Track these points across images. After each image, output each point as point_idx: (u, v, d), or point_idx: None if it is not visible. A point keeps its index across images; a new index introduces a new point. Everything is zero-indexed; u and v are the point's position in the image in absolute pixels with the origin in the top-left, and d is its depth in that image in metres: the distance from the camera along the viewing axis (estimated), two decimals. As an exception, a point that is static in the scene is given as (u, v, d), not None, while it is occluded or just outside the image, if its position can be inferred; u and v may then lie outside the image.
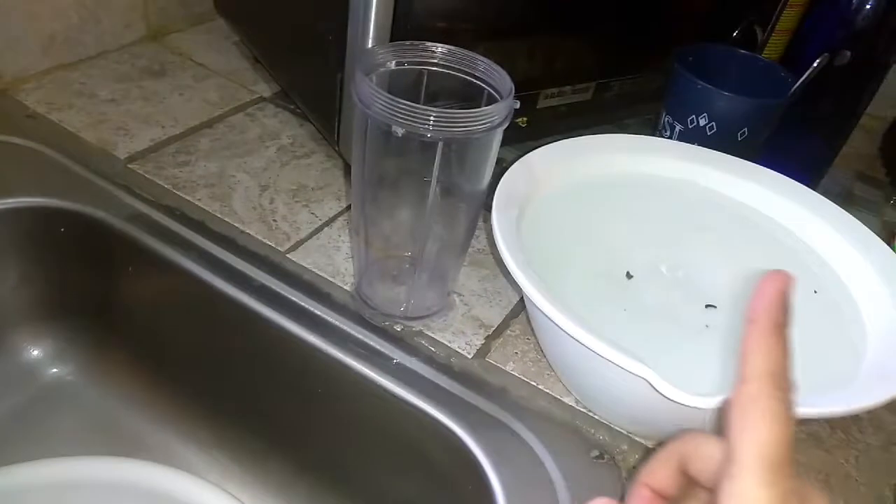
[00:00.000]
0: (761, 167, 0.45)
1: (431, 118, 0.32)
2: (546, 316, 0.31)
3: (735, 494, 0.18)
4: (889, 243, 0.43)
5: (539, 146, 0.43)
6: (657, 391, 0.28)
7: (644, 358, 0.29)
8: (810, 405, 0.30)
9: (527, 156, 0.41)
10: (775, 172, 0.45)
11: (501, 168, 0.41)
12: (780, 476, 0.18)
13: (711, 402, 0.28)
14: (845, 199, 0.64)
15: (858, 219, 0.42)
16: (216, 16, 0.65)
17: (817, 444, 0.40)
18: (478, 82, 0.37)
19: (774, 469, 0.18)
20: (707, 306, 0.44)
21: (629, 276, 0.45)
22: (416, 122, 0.32)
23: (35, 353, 0.50)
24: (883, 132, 0.71)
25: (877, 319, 0.36)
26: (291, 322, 0.41)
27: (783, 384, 0.19)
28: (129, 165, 0.49)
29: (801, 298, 0.42)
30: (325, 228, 0.47)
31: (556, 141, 0.44)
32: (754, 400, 0.19)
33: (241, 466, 0.48)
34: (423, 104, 0.38)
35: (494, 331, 0.43)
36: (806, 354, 0.39)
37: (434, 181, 0.36)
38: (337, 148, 0.51)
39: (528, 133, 0.54)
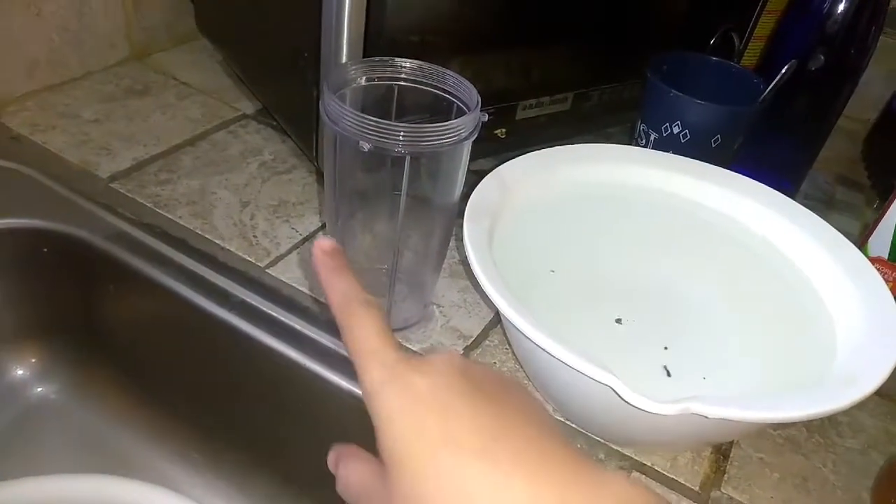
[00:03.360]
0: (734, 173, 0.45)
1: (399, 133, 0.33)
2: (512, 325, 0.31)
3: (364, 387, 0.22)
4: (861, 247, 0.43)
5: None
6: (622, 398, 0.29)
7: (610, 366, 0.30)
8: (778, 409, 0.30)
9: (499, 168, 0.42)
10: (748, 178, 0.45)
11: (477, 179, 0.41)
12: (383, 356, 0.22)
13: (674, 409, 0.28)
14: (826, 203, 0.64)
15: (839, 222, 0.42)
16: (199, 35, 0.66)
17: (795, 449, 0.40)
18: (447, 96, 0.38)
19: (376, 353, 0.22)
20: (683, 314, 0.44)
21: (603, 286, 0.45)
22: (382, 137, 0.33)
23: (20, 372, 0.50)
24: (864, 135, 0.72)
25: (847, 323, 0.36)
26: (271, 336, 0.42)
27: (353, 296, 0.24)
28: (111, 185, 0.50)
29: (773, 304, 0.42)
30: (306, 243, 0.48)
31: (535, 151, 0.44)
32: (342, 314, 0.24)
33: (226, 481, 0.49)
34: (396, 118, 0.39)
35: (473, 341, 0.43)
36: (777, 359, 0.40)
37: (404, 194, 0.36)
38: (316, 164, 0.51)
39: (507, 144, 0.54)
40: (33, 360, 0.51)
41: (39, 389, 0.51)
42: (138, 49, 0.64)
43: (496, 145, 0.54)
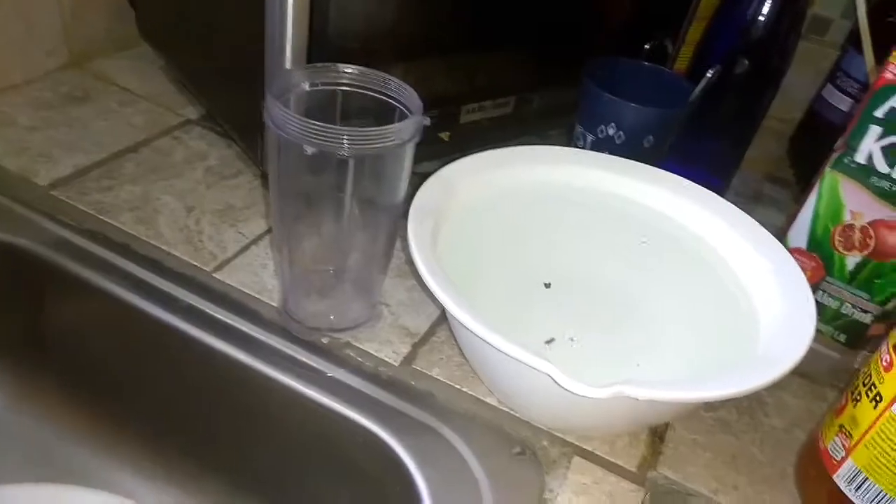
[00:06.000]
0: (666, 172, 0.48)
1: (342, 137, 0.34)
2: (455, 318, 0.33)
3: None
4: (782, 239, 0.46)
5: (463, 159, 0.45)
6: (558, 384, 0.30)
7: (547, 354, 0.31)
8: (701, 389, 0.32)
9: (441, 169, 0.43)
10: (678, 177, 0.47)
11: (423, 181, 0.42)
12: None
13: (606, 392, 0.30)
14: (755, 199, 0.68)
15: (766, 217, 0.45)
16: (141, 41, 0.65)
17: (725, 430, 0.43)
18: (390, 101, 0.39)
19: None
20: (620, 306, 0.47)
21: (547, 285, 0.47)
22: (326, 140, 0.34)
23: (-41, 386, 0.49)
24: (790, 135, 0.76)
25: (768, 310, 0.39)
26: (219, 340, 0.42)
27: None
28: (52, 192, 0.49)
29: (702, 294, 0.45)
30: (252, 247, 0.48)
31: (478, 153, 0.46)
32: None
33: (178, 487, 0.48)
34: (340, 123, 0.40)
35: (421, 338, 0.44)
36: (705, 345, 0.42)
37: (349, 196, 0.37)
38: (262, 168, 0.52)
39: (451, 147, 0.56)
40: (-27, 374, 0.50)
41: (-20, 403, 0.49)
42: (78, 55, 0.63)
43: (441, 148, 0.55)
